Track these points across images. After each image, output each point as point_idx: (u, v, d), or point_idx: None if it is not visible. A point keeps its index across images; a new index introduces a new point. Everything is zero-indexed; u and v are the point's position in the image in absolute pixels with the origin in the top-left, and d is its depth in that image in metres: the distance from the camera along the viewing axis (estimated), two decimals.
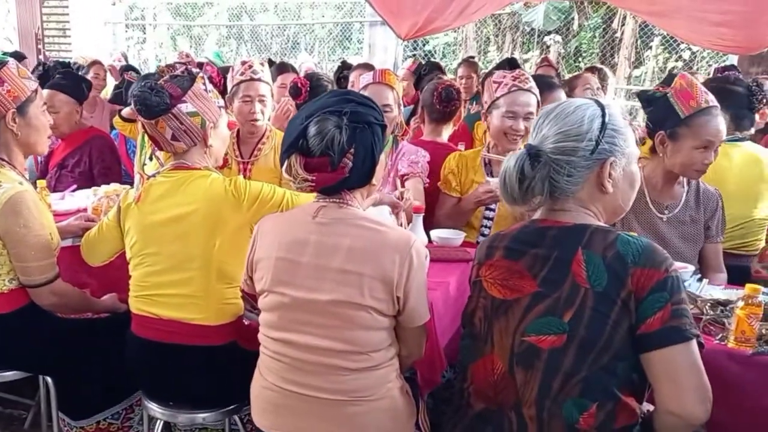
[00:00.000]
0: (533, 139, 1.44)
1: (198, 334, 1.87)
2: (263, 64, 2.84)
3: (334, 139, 1.47)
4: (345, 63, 5.20)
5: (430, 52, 10.96)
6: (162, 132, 1.87)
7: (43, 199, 2.34)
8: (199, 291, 1.86)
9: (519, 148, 2.04)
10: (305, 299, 1.52)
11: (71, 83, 3.34)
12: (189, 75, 1.91)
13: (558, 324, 1.34)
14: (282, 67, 4.51)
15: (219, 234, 1.84)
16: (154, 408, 1.95)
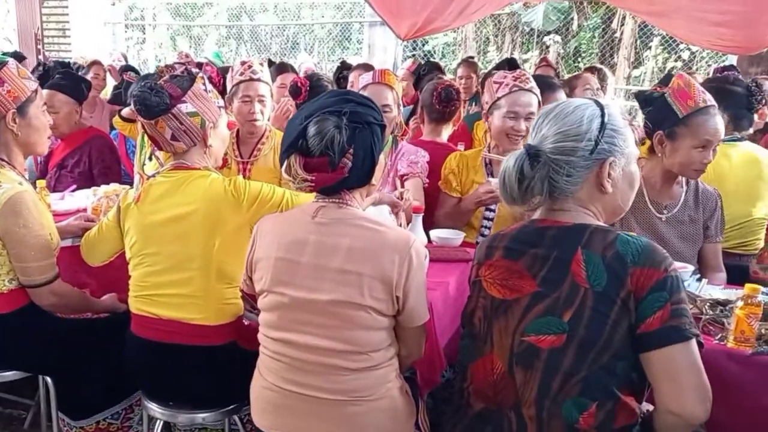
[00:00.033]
0: (532, 139, 1.44)
1: (198, 334, 1.87)
2: (263, 64, 2.84)
3: (333, 139, 1.47)
4: (344, 63, 5.21)
5: (429, 52, 10.96)
6: (162, 132, 1.87)
7: (43, 200, 2.35)
8: (199, 291, 1.86)
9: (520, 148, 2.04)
10: (305, 299, 1.52)
11: (70, 83, 3.33)
12: (189, 75, 1.92)
13: (557, 324, 1.34)
14: (282, 68, 4.52)
15: (219, 234, 1.84)
16: (153, 408, 1.95)
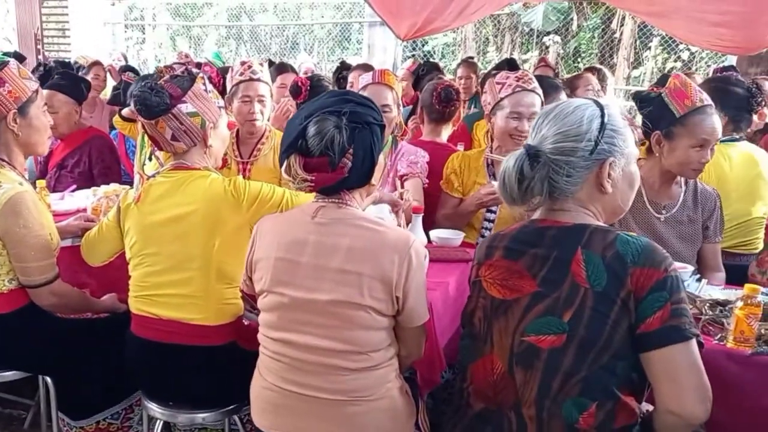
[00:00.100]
0: (532, 140, 1.44)
1: (198, 334, 1.87)
2: (262, 64, 2.84)
3: (333, 139, 1.47)
4: (344, 63, 5.21)
5: (429, 52, 10.95)
6: (162, 132, 1.87)
7: (43, 200, 2.35)
8: (199, 291, 1.86)
9: None
10: (305, 299, 1.52)
11: (70, 83, 3.34)
12: (189, 75, 1.92)
13: (557, 324, 1.34)
14: (281, 68, 4.52)
15: (218, 234, 1.84)
16: (153, 408, 1.95)
